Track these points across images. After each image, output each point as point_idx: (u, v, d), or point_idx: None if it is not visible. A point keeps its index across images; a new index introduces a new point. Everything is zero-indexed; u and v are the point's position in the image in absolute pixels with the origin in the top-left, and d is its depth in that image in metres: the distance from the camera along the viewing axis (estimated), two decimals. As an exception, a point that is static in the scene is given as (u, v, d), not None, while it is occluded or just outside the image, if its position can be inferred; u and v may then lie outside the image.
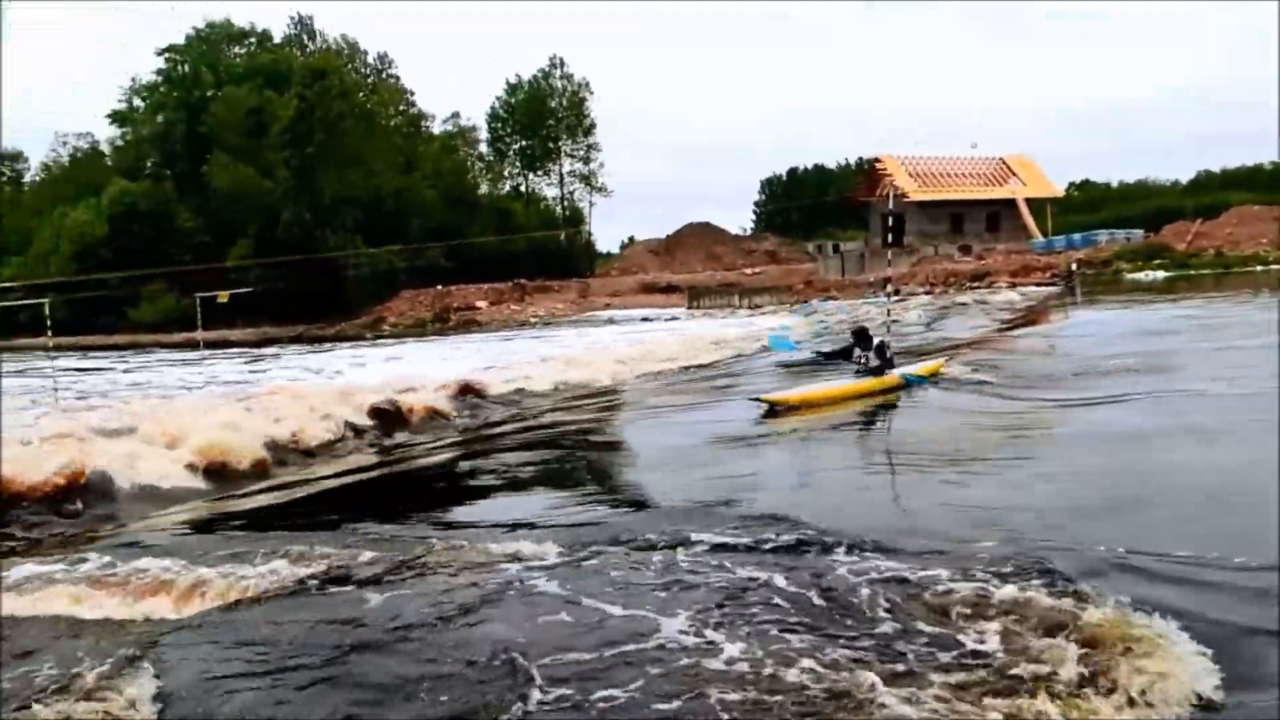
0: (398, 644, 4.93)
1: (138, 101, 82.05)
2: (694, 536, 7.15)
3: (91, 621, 6.44)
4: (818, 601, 5.30)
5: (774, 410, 13.32)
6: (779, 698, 4.13)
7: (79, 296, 52.05)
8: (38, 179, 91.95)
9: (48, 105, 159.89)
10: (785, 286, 60.93)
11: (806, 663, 4.42)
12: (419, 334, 56.95)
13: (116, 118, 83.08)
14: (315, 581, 6.64)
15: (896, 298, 30.61)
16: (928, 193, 64.86)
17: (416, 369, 28.05)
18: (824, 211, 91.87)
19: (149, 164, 77.61)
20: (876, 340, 13.82)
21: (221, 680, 4.53)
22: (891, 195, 42.57)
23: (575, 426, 15.87)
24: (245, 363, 38.02)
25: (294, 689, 4.36)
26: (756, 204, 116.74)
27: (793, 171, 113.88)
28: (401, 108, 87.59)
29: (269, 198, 68.09)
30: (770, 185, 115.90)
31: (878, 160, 69.42)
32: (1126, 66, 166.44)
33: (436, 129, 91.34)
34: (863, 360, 13.57)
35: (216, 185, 69.52)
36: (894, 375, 13.83)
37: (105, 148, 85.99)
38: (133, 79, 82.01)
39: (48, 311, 29.84)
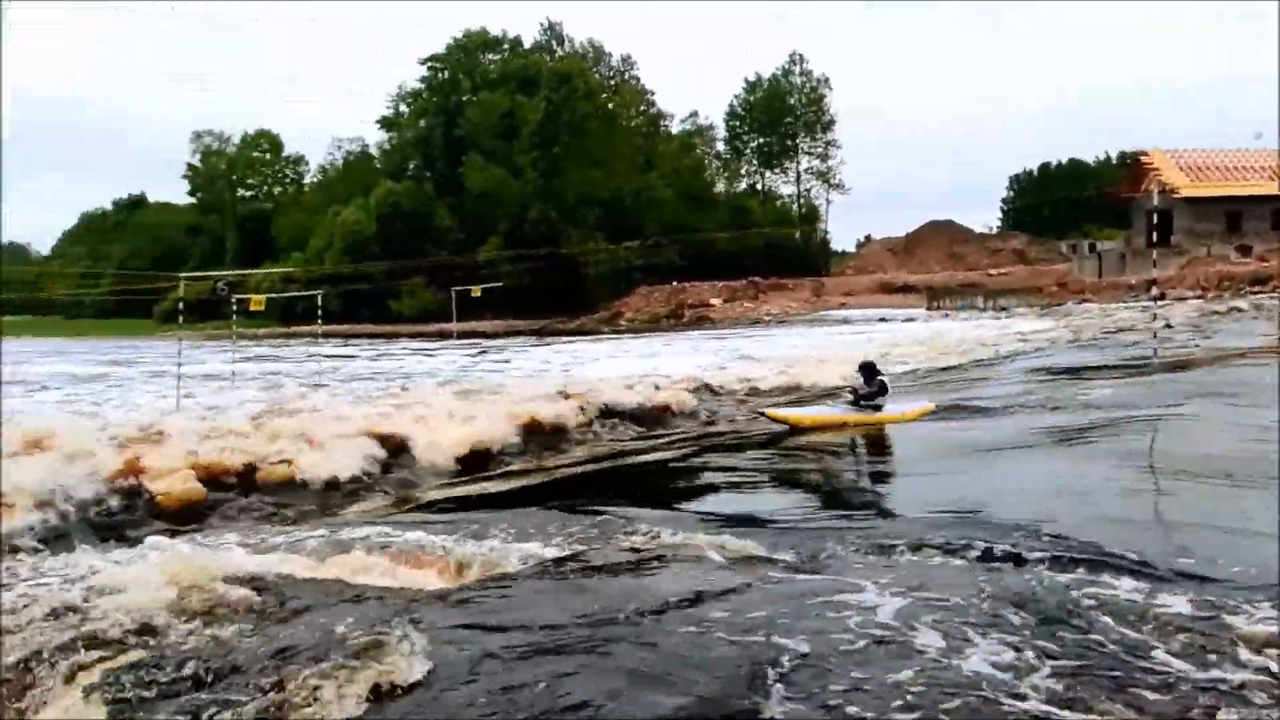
0: (647, 629, 5.11)
1: (403, 108, 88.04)
2: (930, 541, 7.20)
3: (362, 587, 7.22)
4: (1059, 616, 5.16)
5: (793, 430, 14.44)
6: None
7: (349, 289, 56.44)
8: (315, 180, 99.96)
9: (327, 112, 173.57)
10: (1034, 288, 58.33)
11: (1045, 683, 4.33)
12: (653, 330, 58.25)
13: (384, 123, 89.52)
14: (567, 564, 7.06)
15: (1162, 302, 28.88)
16: (1200, 188, 59.70)
17: (653, 364, 29.01)
18: (1080, 208, 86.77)
19: (411, 166, 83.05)
20: (880, 378, 14.73)
21: (481, 652, 4.83)
22: (1156, 190, 39.87)
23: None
24: (494, 353, 40.27)
25: (551, 666, 4.58)
26: (1004, 201, 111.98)
27: (1044, 167, 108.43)
28: (642, 108, 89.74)
29: (518, 197, 71.43)
30: (1019, 181, 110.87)
31: (1143, 153, 64.70)
32: None
33: (675, 128, 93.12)
34: (854, 396, 14.65)
35: (470, 185, 73.52)
36: (880, 415, 14.49)
37: (374, 151, 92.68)
38: (399, 86, 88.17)
39: (319, 303, 32.83)
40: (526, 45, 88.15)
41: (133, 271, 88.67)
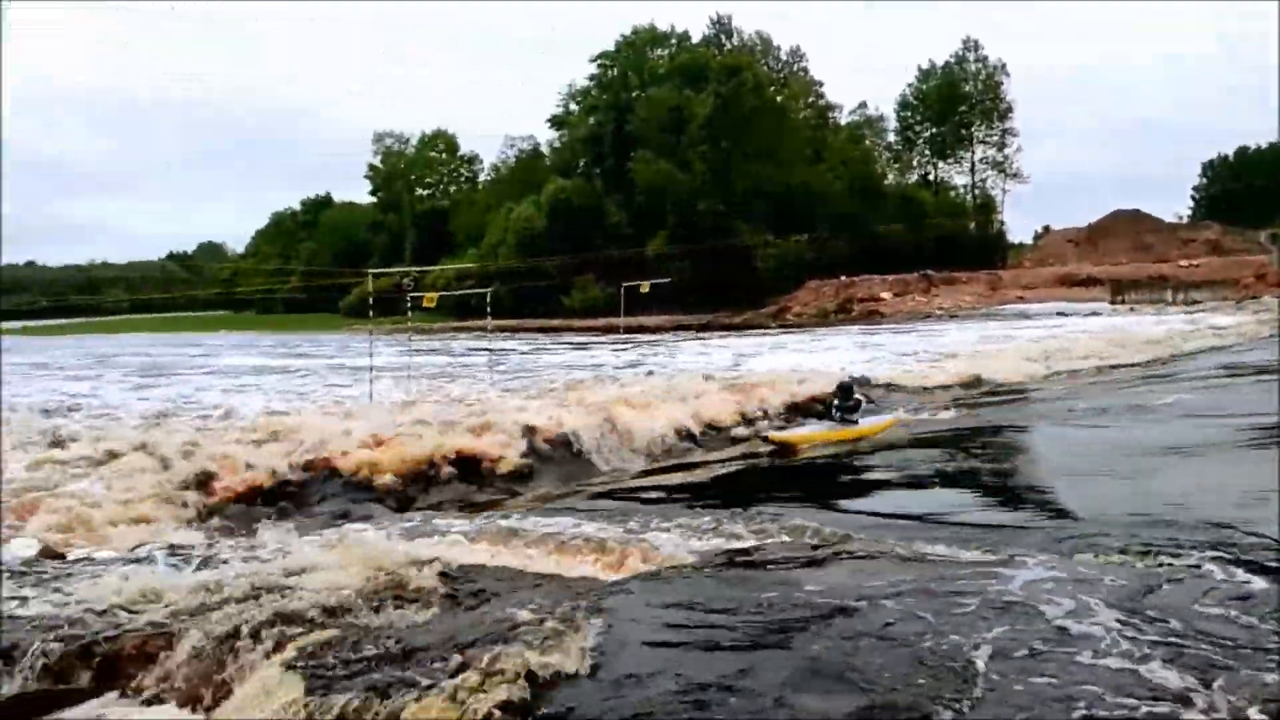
0: (822, 626, 5.07)
1: (573, 106, 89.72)
2: (1111, 544, 6.95)
3: (537, 575, 7.43)
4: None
5: (783, 450, 14.21)
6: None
7: (522, 285, 57.94)
8: (489, 178, 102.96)
9: (499, 112, 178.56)
10: (1230, 280, 54.84)
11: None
12: (822, 324, 57.61)
13: (555, 121, 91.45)
14: (738, 558, 7.08)
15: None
16: None
17: (820, 360, 28.75)
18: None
19: (581, 163, 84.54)
20: (856, 396, 15.16)
21: (653, 643, 4.93)
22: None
23: (979, 425, 15.66)
24: (655, 348, 40.67)
25: (723, 661, 4.62)
26: (1195, 189, 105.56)
27: (1242, 152, 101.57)
28: (810, 100, 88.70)
29: (686, 191, 71.74)
30: (1213, 167, 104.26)
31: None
32: None
33: (844, 120, 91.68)
34: (837, 415, 14.87)
35: (639, 180, 74.28)
36: (858, 428, 14.82)
37: (545, 149, 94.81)
38: (569, 85, 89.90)
39: (489, 299, 33.85)
40: (694, 40, 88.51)
41: (318, 269, 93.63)
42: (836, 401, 14.99)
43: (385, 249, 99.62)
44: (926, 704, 4.10)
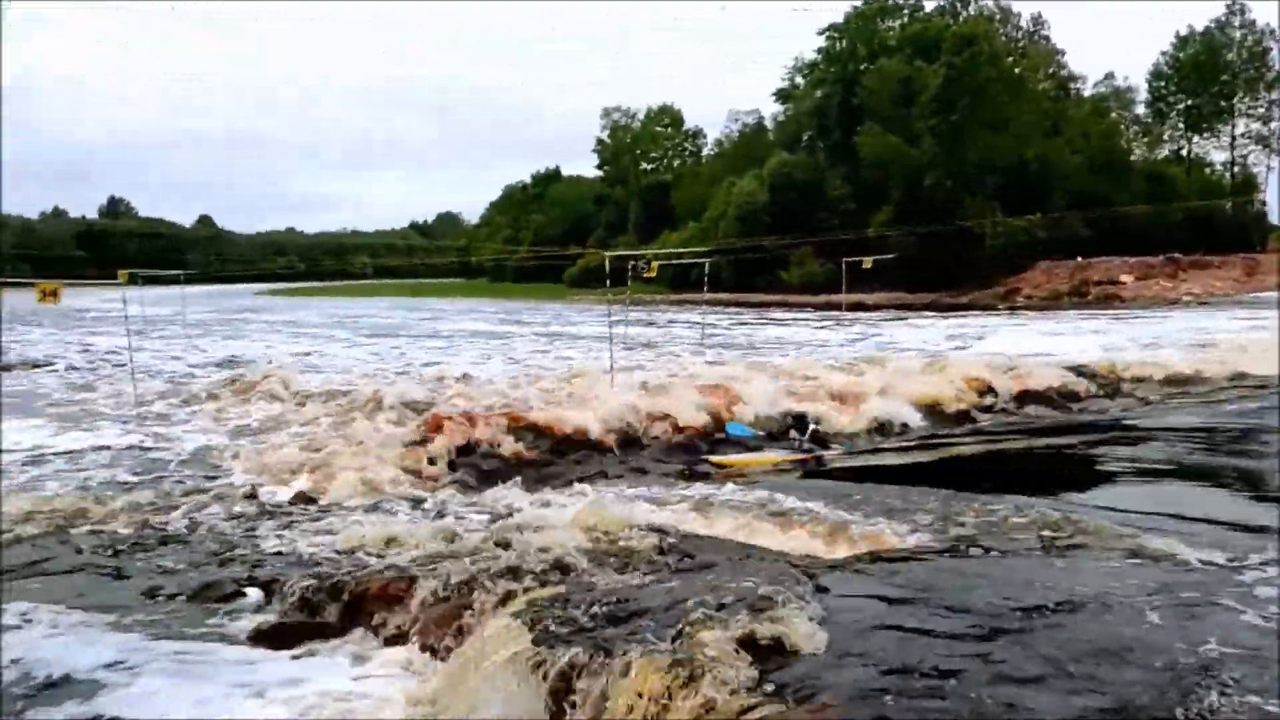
0: (1054, 621, 4.89)
1: (799, 80, 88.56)
2: None
3: (757, 548, 7.48)
4: None
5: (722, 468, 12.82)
6: None
7: (741, 258, 57.88)
8: (712, 153, 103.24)
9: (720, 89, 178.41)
10: None
11: None
12: (1053, 307, 54.85)
13: (780, 95, 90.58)
14: (964, 545, 6.92)
15: None
16: None
17: (1050, 344, 27.42)
18: None
19: (805, 136, 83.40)
20: (811, 427, 13.76)
21: (878, 626, 4.86)
22: None
23: (1219, 422, 14.53)
24: (872, 326, 39.84)
25: (949, 649, 4.51)
26: None
27: None
28: (1050, 70, 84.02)
29: (913, 165, 69.64)
30: None
31: None
32: None
33: (1087, 91, 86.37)
34: (797, 442, 13.53)
35: (865, 154, 72.65)
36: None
37: (769, 123, 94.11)
38: (796, 58, 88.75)
39: (707, 270, 34.00)
40: (928, 9, 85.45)
41: (544, 241, 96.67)
42: (793, 434, 13.84)
43: (610, 221, 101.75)
44: (1162, 710, 3.87)
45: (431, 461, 12.04)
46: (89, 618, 6.60)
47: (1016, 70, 77.20)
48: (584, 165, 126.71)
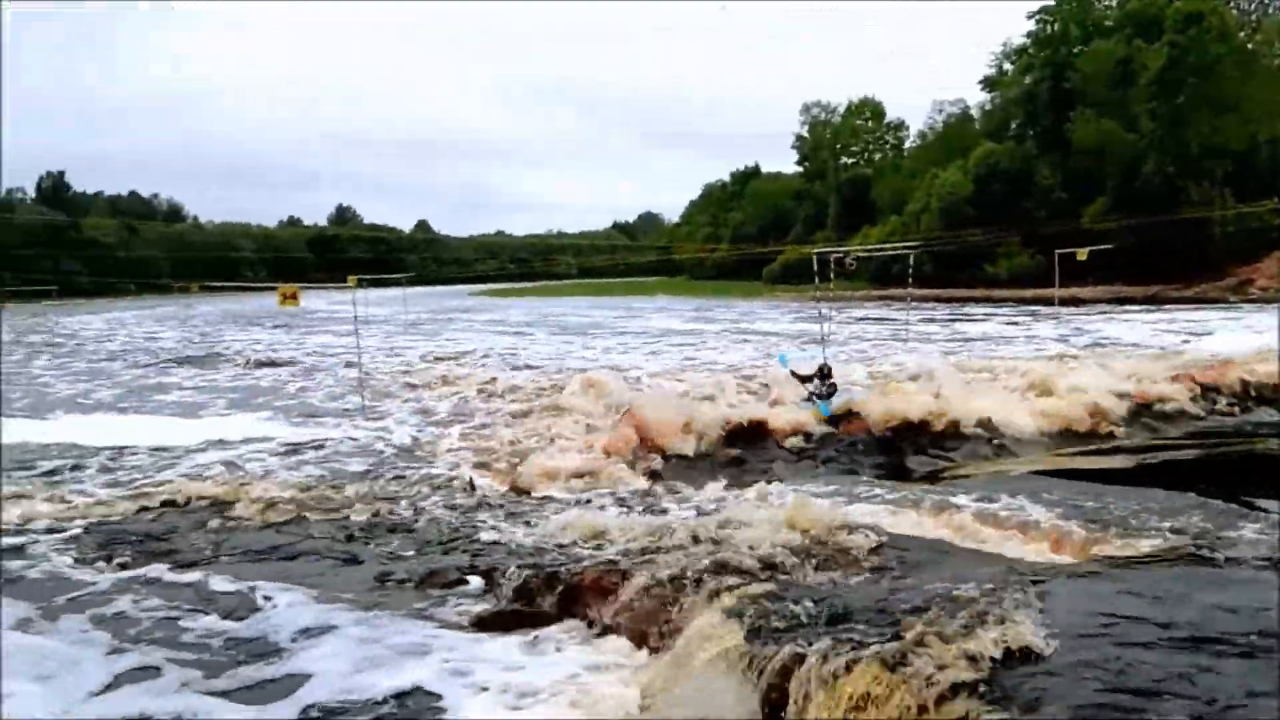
0: None
1: (1007, 66, 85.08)
2: None
3: (973, 551, 7.29)
4: None
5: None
6: None
7: (943, 252, 56.13)
8: (915, 145, 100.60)
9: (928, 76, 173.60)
10: None
11: None
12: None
13: (987, 83, 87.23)
14: (1193, 551, 6.57)
15: None
16: None
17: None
18: None
19: (1013, 124, 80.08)
20: (831, 380, 14.65)
21: (1108, 637, 4.61)
22: None
23: None
24: (1098, 320, 37.82)
25: (1185, 663, 4.27)
26: None
27: None
28: (1288, 42, 77.60)
29: (1130, 151, 65.77)
30: None
31: None
32: None
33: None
34: (819, 389, 14.43)
35: (1078, 141, 69.12)
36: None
37: (975, 112, 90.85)
38: (1003, 44, 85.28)
39: (910, 264, 33.21)
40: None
41: (743, 238, 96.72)
42: (816, 382, 14.68)
43: (808, 217, 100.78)
44: None
45: (636, 456, 12.25)
46: (327, 600, 7.09)
47: (1249, 45, 71.72)
48: (783, 162, 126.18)
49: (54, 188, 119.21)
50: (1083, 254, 33.78)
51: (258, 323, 52.07)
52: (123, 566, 8.21)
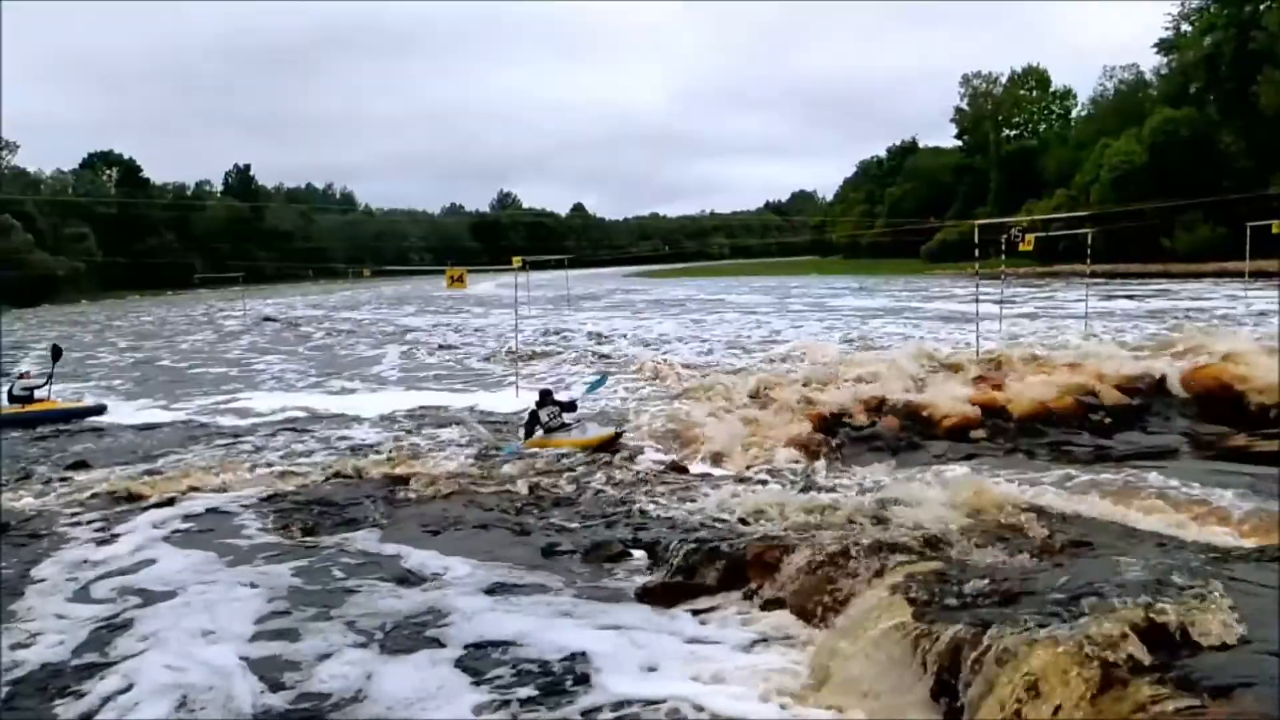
0: None
1: (1186, 27, 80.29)
2: None
3: (1143, 532, 7.01)
4: None
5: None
6: None
7: (1117, 226, 53.46)
8: (1084, 114, 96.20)
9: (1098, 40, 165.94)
10: None
11: None
12: None
13: (1163, 46, 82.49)
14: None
15: None
16: None
17: None
18: None
19: (1193, 89, 75.59)
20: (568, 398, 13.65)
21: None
22: None
23: None
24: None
25: None
26: None
27: None
28: None
29: (1324, 115, 61.30)
30: None
31: None
32: None
33: None
34: (550, 417, 12.86)
35: (1265, 105, 64.75)
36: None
37: (1150, 77, 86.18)
38: (1182, 3, 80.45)
39: (1089, 240, 31.71)
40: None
41: (900, 215, 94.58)
42: (546, 410, 12.89)
43: (969, 193, 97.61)
44: None
45: (800, 436, 12.19)
46: (498, 571, 7.35)
47: None
48: (942, 137, 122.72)
49: (240, 180, 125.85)
50: (1278, 226, 31.52)
51: (432, 305, 53.97)
52: (306, 533, 8.72)
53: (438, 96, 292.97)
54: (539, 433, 12.76)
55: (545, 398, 13.07)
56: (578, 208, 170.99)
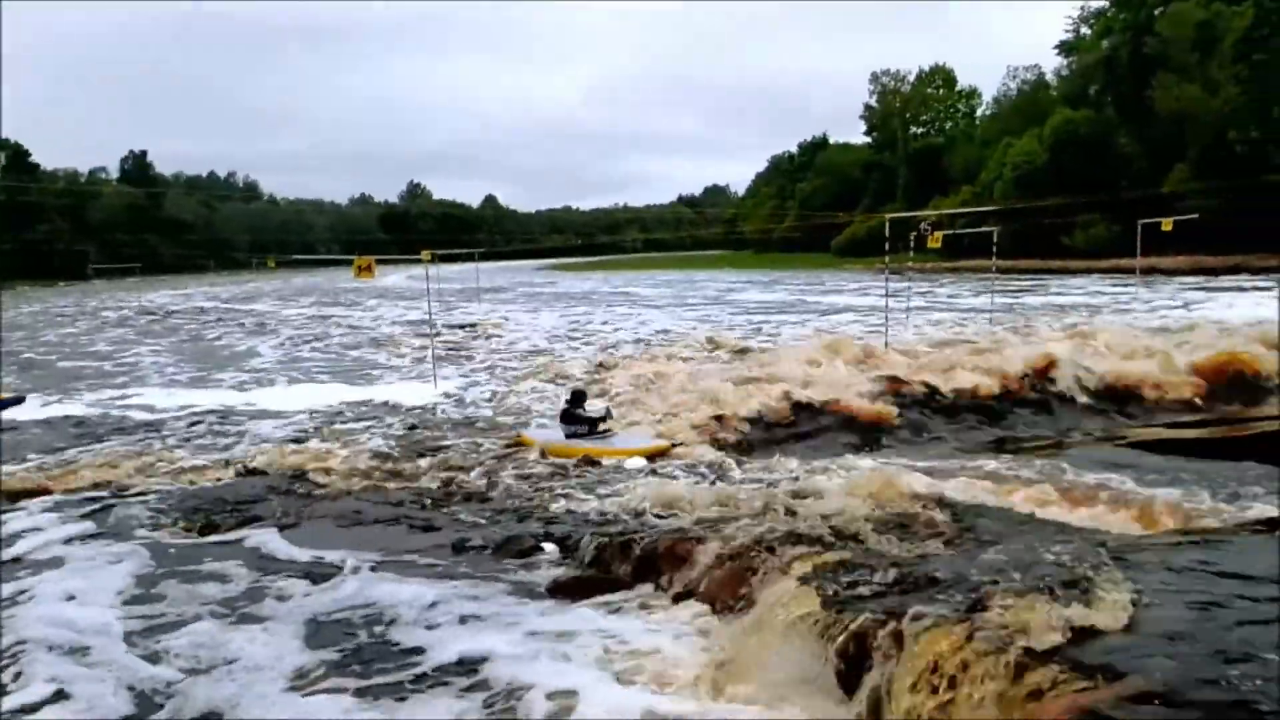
0: None
1: (1085, 30, 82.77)
2: None
3: (1048, 522, 7.11)
4: None
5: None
6: None
7: (1020, 223, 54.86)
8: (988, 113, 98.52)
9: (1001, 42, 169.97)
10: None
11: None
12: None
13: (1063, 48, 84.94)
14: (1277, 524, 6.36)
15: None
16: None
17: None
18: None
19: (1092, 91, 77.92)
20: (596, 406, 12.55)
21: (1193, 606, 4.52)
22: None
23: None
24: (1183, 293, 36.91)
25: (1269, 638, 4.13)
26: None
27: None
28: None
29: (1214, 117, 63.71)
30: None
31: None
32: None
33: None
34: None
35: (1159, 108, 67.08)
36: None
37: (1051, 78, 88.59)
38: (1082, 7, 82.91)
39: (994, 238, 32.53)
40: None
41: (811, 210, 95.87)
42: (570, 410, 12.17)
43: (878, 189, 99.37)
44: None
45: (711, 430, 12.25)
46: (406, 567, 7.24)
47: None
48: (852, 133, 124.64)
49: (137, 167, 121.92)
50: (1168, 224, 32.83)
51: (336, 297, 53.01)
52: (206, 531, 8.49)
53: (350, 88, 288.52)
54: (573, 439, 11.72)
55: (578, 399, 12.33)
56: (490, 200, 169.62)
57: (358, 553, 7.57)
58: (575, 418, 11.95)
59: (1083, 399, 13.46)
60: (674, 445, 11.51)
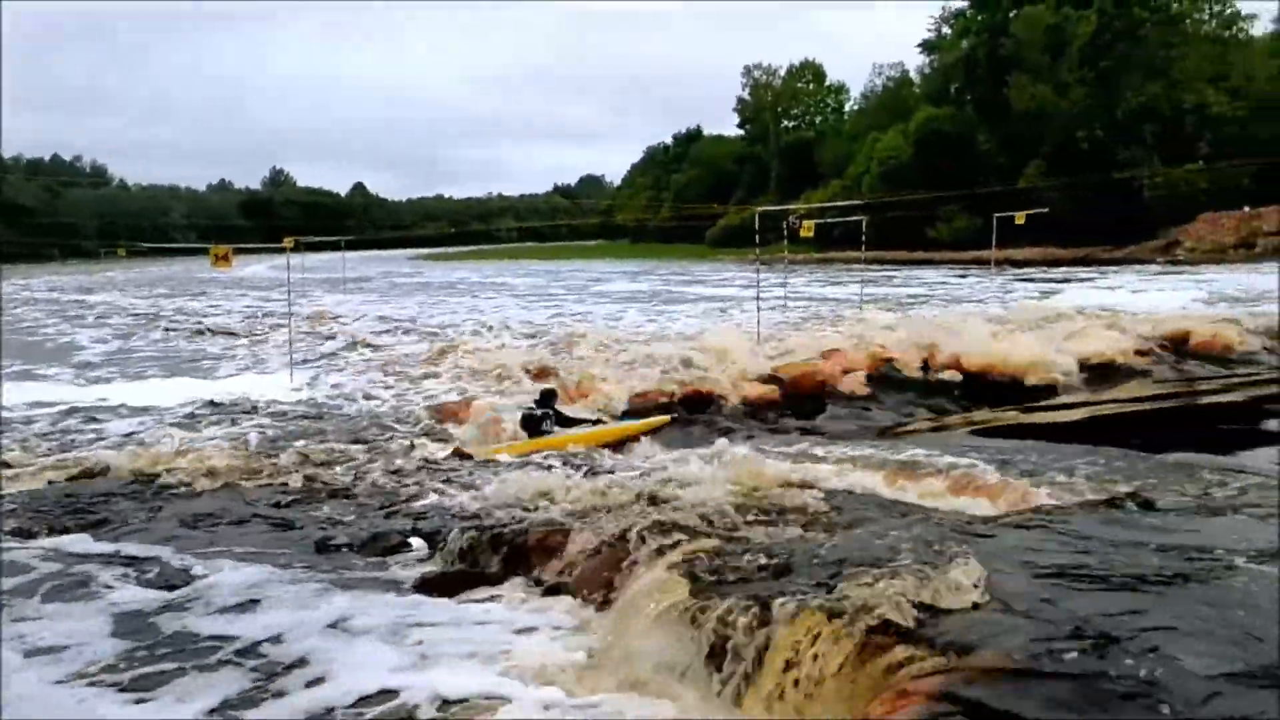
0: (1214, 578, 4.66)
1: (946, 30, 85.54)
2: None
3: (911, 505, 7.31)
4: None
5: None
6: None
7: (886, 216, 56.46)
8: (856, 108, 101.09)
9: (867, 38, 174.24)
10: None
11: None
12: (1218, 261, 52.06)
13: (926, 46, 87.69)
14: (1124, 502, 6.71)
15: None
16: None
17: (1206, 295, 26.14)
18: None
19: (953, 89, 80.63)
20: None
21: (1038, 579, 4.71)
22: None
23: None
24: (1034, 281, 38.52)
25: (1106, 603, 4.35)
26: None
27: None
28: (1216, 8, 78.59)
29: (1064, 116, 66.67)
30: None
31: None
32: None
33: (1259, 30, 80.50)
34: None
35: (1015, 106, 69.87)
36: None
37: (915, 76, 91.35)
38: (944, 8, 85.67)
39: (863, 229, 33.44)
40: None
41: (686, 201, 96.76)
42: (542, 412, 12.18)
43: (751, 180, 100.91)
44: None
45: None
46: (262, 569, 6.90)
47: (1175, 8, 72.59)
48: (726, 125, 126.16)
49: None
50: (1020, 217, 34.28)
51: (191, 289, 51.07)
52: (50, 535, 8.02)
53: (209, 72, 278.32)
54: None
55: (547, 399, 12.10)
56: (358, 187, 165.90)
57: (208, 558, 7.16)
58: (546, 419, 11.69)
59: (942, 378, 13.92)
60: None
